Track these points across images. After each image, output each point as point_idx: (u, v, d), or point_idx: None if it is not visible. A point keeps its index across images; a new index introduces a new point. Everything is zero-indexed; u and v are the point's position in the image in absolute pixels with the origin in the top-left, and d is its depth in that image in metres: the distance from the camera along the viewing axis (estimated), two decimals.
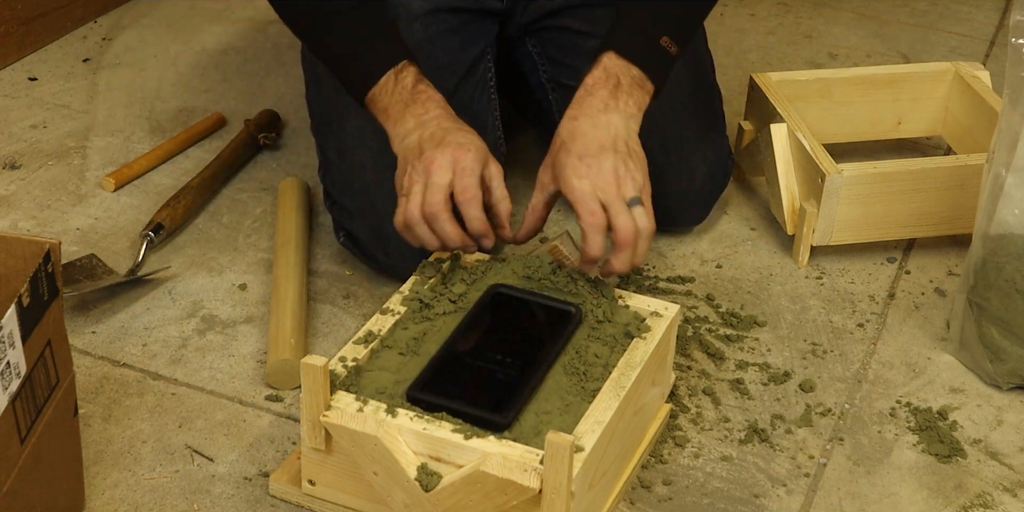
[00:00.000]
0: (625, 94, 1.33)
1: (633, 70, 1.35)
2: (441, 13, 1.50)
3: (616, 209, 1.26)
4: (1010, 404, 1.42)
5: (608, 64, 1.34)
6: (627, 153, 1.29)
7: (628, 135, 1.32)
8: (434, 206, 1.27)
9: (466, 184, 1.28)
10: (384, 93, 1.35)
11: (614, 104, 1.32)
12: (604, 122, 1.31)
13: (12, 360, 1.01)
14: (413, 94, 1.35)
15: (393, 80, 1.35)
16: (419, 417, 1.13)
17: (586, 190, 1.26)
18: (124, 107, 1.93)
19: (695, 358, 1.46)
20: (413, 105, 1.35)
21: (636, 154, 1.31)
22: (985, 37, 2.26)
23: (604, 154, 1.28)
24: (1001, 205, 1.36)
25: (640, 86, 1.35)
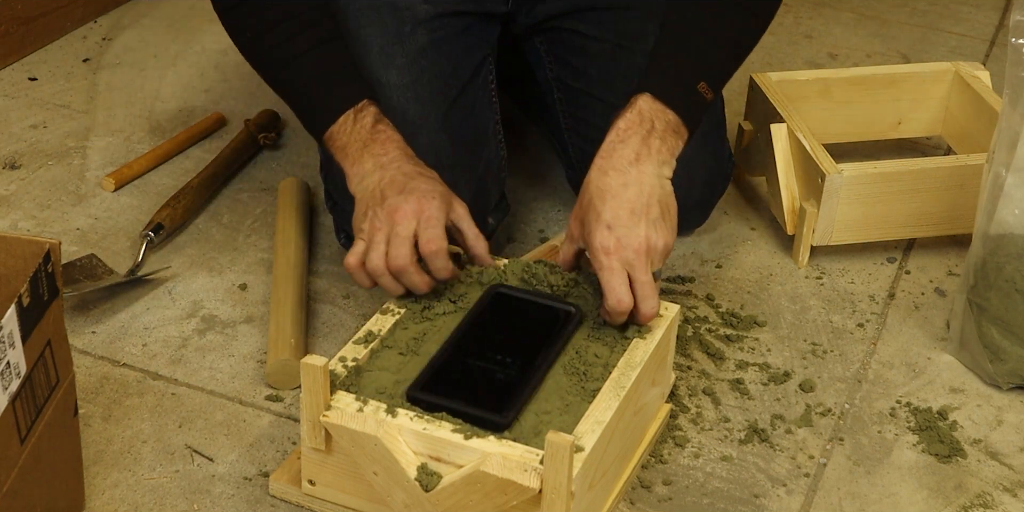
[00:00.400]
0: (658, 140, 1.29)
1: (669, 115, 1.30)
2: (445, 17, 1.50)
3: (643, 293, 1.22)
4: (1010, 404, 1.42)
5: (643, 107, 1.30)
6: (659, 216, 1.25)
7: (660, 189, 1.27)
8: (400, 260, 1.24)
9: (430, 235, 1.25)
10: (342, 132, 1.33)
11: (646, 152, 1.27)
12: (635, 179, 1.26)
13: (12, 360, 1.01)
14: (372, 134, 1.33)
15: (352, 119, 1.33)
16: (419, 417, 1.13)
17: (615, 268, 1.22)
18: (124, 107, 1.93)
19: (695, 358, 1.46)
20: (372, 145, 1.32)
21: (667, 210, 1.27)
22: (985, 37, 2.26)
23: (635, 222, 1.24)
24: (1001, 205, 1.36)
25: (675, 132, 1.30)
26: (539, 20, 1.58)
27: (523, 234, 1.67)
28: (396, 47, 1.47)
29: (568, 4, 1.56)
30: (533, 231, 1.68)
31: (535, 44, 1.62)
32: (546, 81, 1.63)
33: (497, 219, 1.57)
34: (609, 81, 1.57)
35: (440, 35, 1.49)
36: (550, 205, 1.73)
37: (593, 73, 1.58)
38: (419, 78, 1.47)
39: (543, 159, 1.82)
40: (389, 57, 1.46)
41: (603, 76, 1.57)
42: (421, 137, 1.44)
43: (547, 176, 1.79)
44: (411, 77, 1.46)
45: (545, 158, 1.82)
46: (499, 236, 1.65)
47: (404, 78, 1.46)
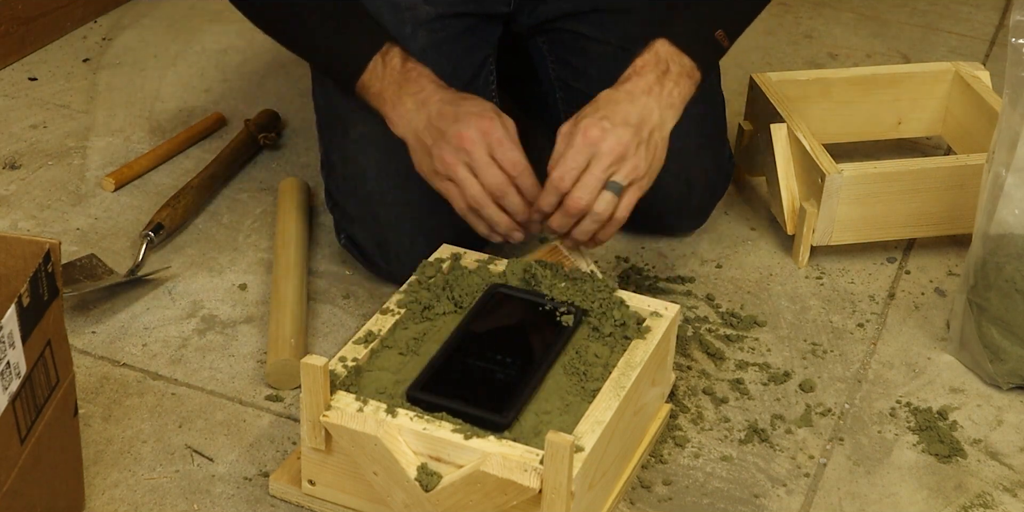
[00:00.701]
0: (672, 82, 1.32)
1: (684, 59, 1.33)
2: (446, 18, 1.50)
3: (585, 182, 1.25)
4: (1010, 404, 1.42)
5: (660, 50, 1.33)
6: (645, 140, 1.28)
7: (658, 124, 1.30)
8: (496, 180, 1.26)
9: (509, 157, 1.27)
10: (375, 78, 1.34)
11: (658, 90, 1.31)
12: (642, 104, 1.29)
13: (12, 360, 1.01)
14: (403, 73, 1.34)
15: (381, 64, 1.34)
16: (419, 417, 1.13)
17: (579, 148, 1.25)
18: (124, 107, 1.93)
19: (695, 358, 1.46)
20: (407, 84, 1.34)
21: (655, 146, 1.29)
22: (985, 37, 2.26)
23: (623, 128, 1.27)
24: (1001, 205, 1.36)
25: (689, 76, 1.33)
26: (540, 21, 1.58)
27: None
28: None
29: (570, 5, 1.56)
30: None
31: (537, 44, 1.62)
32: (548, 81, 1.63)
33: None
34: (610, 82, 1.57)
35: (441, 36, 1.49)
36: None
37: (594, 74, 1.58)
38: None
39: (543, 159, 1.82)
40: None
41: (604, 77, 1.57)
42: None
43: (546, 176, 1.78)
44: None
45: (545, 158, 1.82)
46: None
47: None
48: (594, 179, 1.25)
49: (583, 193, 1.25)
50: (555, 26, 1.59)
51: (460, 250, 1.34)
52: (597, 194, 1.26)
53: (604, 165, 1.26)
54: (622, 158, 1.26)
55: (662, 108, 1.31)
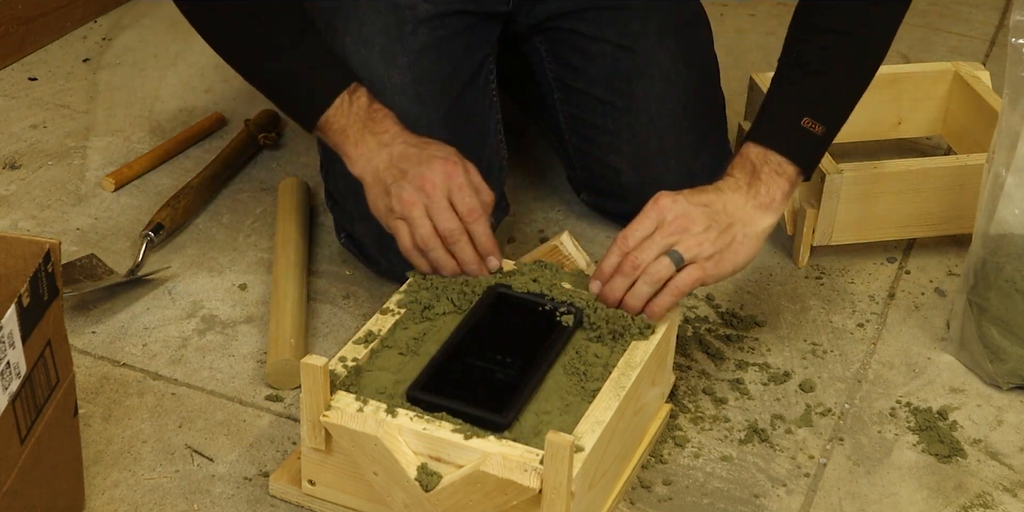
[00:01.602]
0: (762, 183, 1.28)
1: (772, 156, 1.29)
2: (446, 17, 1.50)
3: (647, 245, 1.23)
4: (1010, 404, 1.42)
5: (747, 152, 1.30)
6: (721, 227, 1.25)
7: (743, 220, 1.27)
8: (451, 224, 1.26)
9: (469, 203, 1.27)
10: (340, 114, 1.33)
11: (746, 189, 1.28)
12: (728, 198, 1.27)
13: (12, 360, 1.01)
14: (369, 113, 1.33)
15: (348, 100, 1.33)
16: (419, 417, 1.13)
17: (647, 213, 1.24)
18: (124, 107, 1.93)
19: (695, 358, 1.46)
20: (372, 124, 1.33)
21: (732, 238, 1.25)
22: (985, 37, 2.25)
23: (698, 207, 1.25)
24: (1001, 205, 1.36)
25: (779, 173, 1.29)
26: (540, 20, 1.58)
27: (523, 234, 1.67)
28: (397, 47, 1.47)
29: (569, 3, 1.56)
30: (533, 231, 1.68)
31: (535, 44, 1.62)
32: (546, 81, 1.63)
33: (497, 218, 1.57)
34: (609, 81, 1.57)
35: (441, 35, 1.49)
36: (550, 205, 1.73)
37: (593, 73, 1.58)
38: (420, 78, 1.47)
39: (543, 159, 1.82)
40: (390, 56, 1.46)
41: (603, 76, 1.57)
42: None
43: (547, 176, 1.79)
44: (412, 76, 1.46)
45: (545, 158, 1.82)
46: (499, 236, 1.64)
47: (405, 77, 1.46)
48: (654, 244, 1.23)
49: (640, 253, 1.23)
50: (554, 25, 1.59)
51: None
52: (653, 259, 1.23)
53: (666, 233, 1.24)
54: (686, 231, 1.24)
55: (751, 206, 1.27)
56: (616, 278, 1.25)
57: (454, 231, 1.26)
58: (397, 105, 1.44)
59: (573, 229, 1.65)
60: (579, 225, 1.69)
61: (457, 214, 1.27)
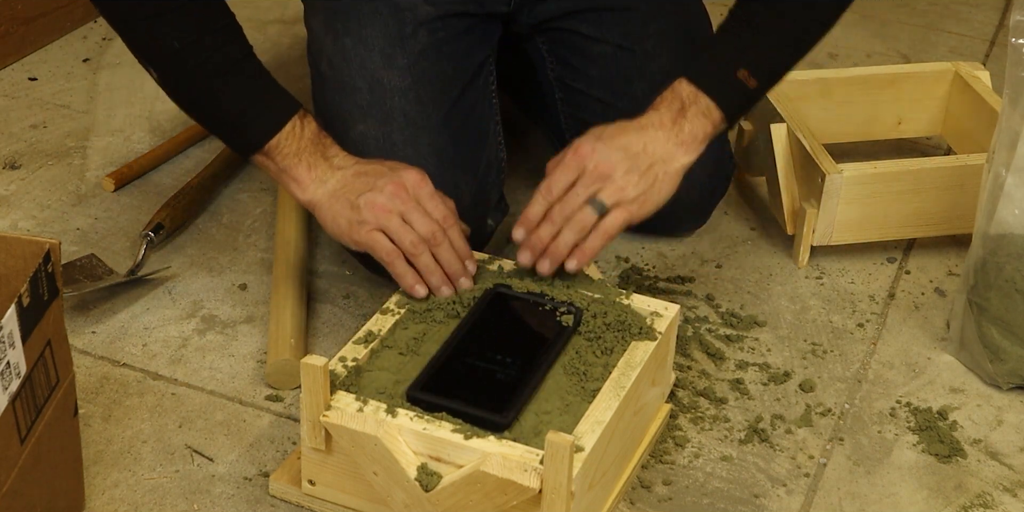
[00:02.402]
0: (686, 121, 1.31)
1: (702, 98, 1.32)
2: (446, 18, 1.50)
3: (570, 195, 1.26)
4: (1010, 404, 1.42)
5: (678, 88, 1.32)
6: (641, 169, 1.27)
7: (663, 158, 1.29)
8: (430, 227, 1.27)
9: (443, 210, 1.28)
10: (292, 138, 1.32)
11: (670, 126, 1.30)
12: (649, 135, 1.29)
13: (12, 360, 1.01)
14: (320, 137, 1.33)
15: (299, 125, 1.32)
16: (419, 417, 1.13)
17: (568, 164, 1.26)
18: (124, 107, 1.93)
19: (695, 358, 1.46)
20: (323, 148, 1.33)
21: (654, 177, 1.28)
22: (985, 37, 2.26)
23: (617, 151, 1.27)
24: (1001, 205, 1.36)
25: (705, 115, 1.32)
26: (540, 20, 1.58)
27: None
28: (397, 48, 1.47)
29: (570, 4, 1.56)
30: None
31: (536, 44, 1.62)
32: (547, 81, 1.63)
33: (496, 220, 1.57)
34: (610, 82, 1.57)
35: (441, 36, 1.49)
36: None
37: (594, 74, 1.58)
38: (420, 79, 1.47)
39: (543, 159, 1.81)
40: (390, 58, 1.46)
41: (604, 77, 1.57)
42: (423, 138, 1.44)
43: None
44: (412, 78, 1.46)
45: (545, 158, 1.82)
46: (499, 236, 1.64)
47: (405, 79, 1.46)
48: (576, 194, 1.26)
49: (564, 204, 1.26)
50: (554, 26, 1.59)
51: None
52: (577, 208, 1.26)
53: (588, 181, 1.26)
54: (607, 177, 1.26)
55: (672, 144, 1.30)
56: (542, 226, 1.26)
57: (436, 233, 1.26)
58: (397, 106, 1.45)
59: None
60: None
61: None
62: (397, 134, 1.45)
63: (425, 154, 1.43)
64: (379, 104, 1.44)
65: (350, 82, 1.46)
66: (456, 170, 1.46)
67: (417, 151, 1.43)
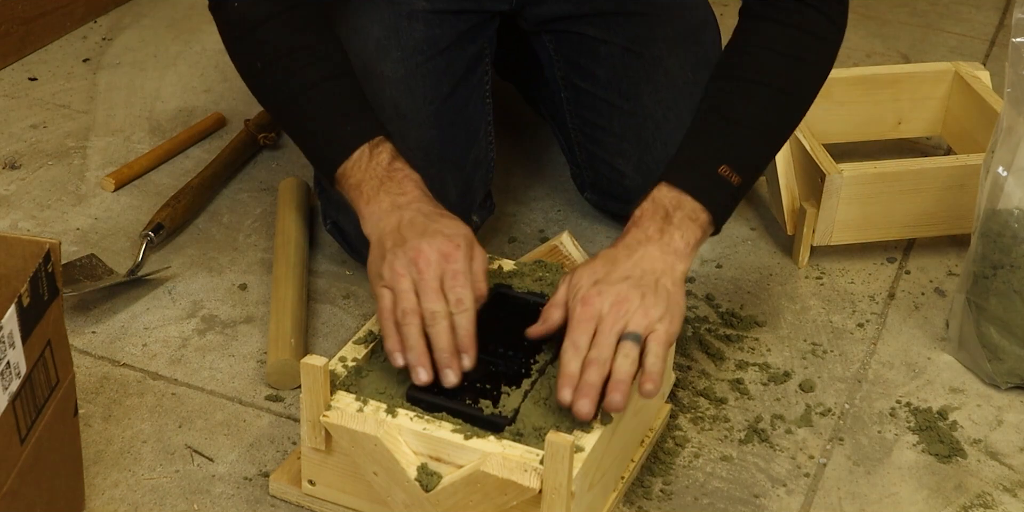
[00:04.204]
0: (675, 228, 1.22)
1: (686, 201, 1.23)
2: (444, 14, 1.50)
3: (599, 341, 1.15)
4: (1010, 404, 1.42)
5: (658, 196, 1.24)
6: (651, 287, 1.18)
7: (664, 271, 1.20)
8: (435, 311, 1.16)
9: (461, 295, 1.17)
10: (357, 169, 1.26)
11: (657, 237, 1.21)
12: (640, 254, 1.21)
13: (12, 360, 1.01)
14: (389, 171, 1.26)
15: (368, 155, 1.27)
16: (419, 417, 1.13)
17: (581, 319, 1.16)
18: (124, 107, 1.93)
19: (695, 358, 1.46)
20: (389, 182, 1.25)
21: (665, 291, 1.18)
22: (985, 37, 2.26)
23: (621, 284, 1.18)
24: (1001, 205, 1.36)
25: (692, 219, 1.23)
26: (545, 20, 1.58)
27: (523, 234, 1.67)
28: (393, 40, 1.47)
29: (575, 7, 1.56)
30: (533, 231, 1.68)
31: (544, 42, 1.62)
32: (554, 79, 1.63)
33: (482, 217, 1.57)
34: (616, 83, 1.57)
35: (438, 31, 1.50)
36: (550, 205, 1.73)
37: (601, 75, 1.58)
38: (413, 72, 1.47)
39: (543, 158, 1.82)
40: (385, 50, 1.46)
41: (611, 78, 1.57)
42: (411, 131, 1.45)
43: (547, 176, 1.79)
44: (405, 70, 1.46)
45: (545, 157, 1.82)
46: (499, 236, 1.65)
47: (398, 71, 1.46)
48: (605, 337, 1.15)
49: (598, 351, 1.15)
50: (560, 27, 1.59)
51: None
52: (614, 348, 1.15)
53: (610, 323, 1.15)
54: (627, 313, 1.17)
55: (666, 254, 1.21)
56: (589, 371, 1.14)
57: (437, 313, 1.16)
58: (387, 97, 1.45)
59: (574, 229, 1.66)
60: (580, 225, 1.69)
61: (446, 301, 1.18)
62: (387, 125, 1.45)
63: (413, 147, 1.43)
64: (371, 94, 1.43)
65: None
66: (443, 165, 1.46)
67: (405, 143, 1.43)
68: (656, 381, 1.14)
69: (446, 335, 1.16)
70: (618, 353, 1.14)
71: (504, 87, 1.80)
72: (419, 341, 1.16)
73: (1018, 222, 1.36)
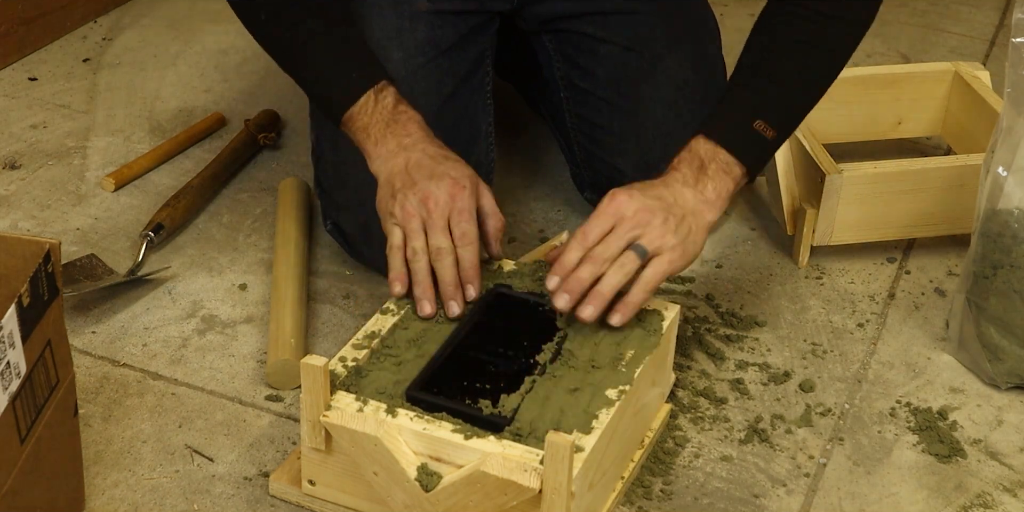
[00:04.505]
0: (708, 178, 1.27)
1: (721, 153, 1.28)
2: (445, 15, 1.50)
3: (610, 240, 1.21)
4: (1010, 404, 1.42)
5: (695, 146, 1.29)
6: (679, 218, 1.23)
7: (694, 212, 1.25)
8: (442, 244, 1.25)
9: (464, 230, 1.26)
10: (363, 112, 1.33)
11: (693, 183, 1.27)
12: (677, 192, 1.26)
13: (12, 360, 1.01)
14: (394, 114, 1.33)
15: (373, 99, 1.33)
16: (419, 417, 1.13)
17: (604, 211, 1.22)
18: (124, 107, 1.93)
19: (695, 358, 1.46)
20: (394, 124, 1.32)
21: (688, 229, 1.24)
22: (985, 37, 2.26)
23: (653, 200, 1.23)
24: (1001, 205, 1.36)
25: (726, 172, 1.28)
26: (546, 19, 1.58)
27: (523, 234, 1.67)
28: (394, 41, 1.47)
29: (574, 6, 1.56)
30: (533, 231, 1.68)
31: (543, 42, 1.62)
32: (554, 79, 1.63)
33: None
34: (616, 82, 1.57)
35: (439, 33, 1.50)
36: (550, 205, 1.73)
37: (601, 74, 1.58)
38: (415, 73, 1.47)
39: (542, 159, 1.82)
40: (386, 50, 1.46)
41: (611, 77, 1.57)
42: None
43: (547, 176, 1.79)
44: (407, 71, 1.47)
45: (545, 158, 1.82)
46: None
47: (400, 72, 1.46)
48: (616, 237, 1.21)
49: (604, 248, 1.21)
50: (561, 26, 1.59)
51: None
52: (619, 252, 1.21)
53: (628, 227, 1.21)
54: (647, 224, 1.22)
55: (699, 201, 1.26)
56: (582, 267, 1.21)
57: (442, 249, 1.25)
58: None
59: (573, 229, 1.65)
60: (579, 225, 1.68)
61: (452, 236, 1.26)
62: None
63: None
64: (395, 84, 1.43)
65: None
66: None
67: None
68: (628, 313, 1.22)
69: (451, 269, 1.25)
70: (616, 261, 1.21)
71: (504, 87, 1.80)
72: (426, 277, 1.26)
73: (1018, 222, 1.36)
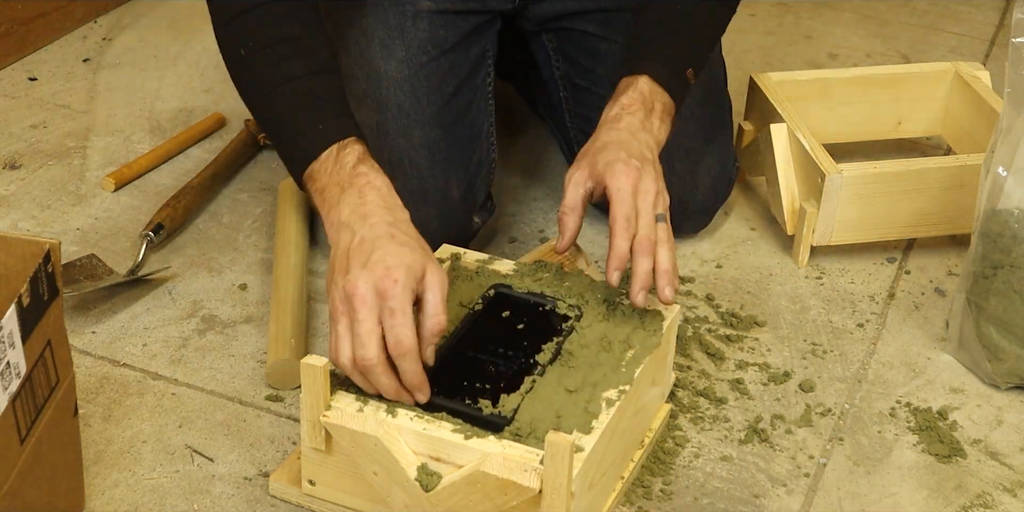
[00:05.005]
0: (657, 120, 1.34)
1: (665, 97, 1.35)
2: (447, 14, 1.50)
3: (646, 220, 1.24)
4: (1010, 404, 1.42)
5: (643, 88, 1.34)
6: (655, 169, 1.28)
7: (654, 157, 1.31)
8: (365, 360, 1.11)
9: (399, 337, 1.10)
10: (323, 171, 1.20)
11: (648, 126, 1.32)
12: (643, 139, 1.31)
13: (12, 360, 1.01)
14: (352, 177, 1.19)
15: (334, 156, 1.20)
16: (419, 417, 1.13)
17: (629, 191, 1.24)
18: (124, 107, 1.93)
19: (695, 358, 1.46)
20: (351, 189, 1.18)
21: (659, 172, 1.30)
22: (985, 37, 2.26)
23: (647, 165, 1.27)
24: (1001, 205, 1.36)
25: (669, 113, 1.35)
26: (546, 18, 1.58)
27: (523, 234, 1.67)
28: (397, 40, 1.47)
29: (577, 4, 1.56)
30: (533, 231, 1.68)
31: (543, 41, 1.62)
32: (553, 79, 1.64)
33: (482, 219, 1.58)
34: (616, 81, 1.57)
35: (442, 32, 1.50)
36: (550, 205, 1.73)
37: (600, 72, 1.58)
38: (417, 72, 1.47)
39: (543, 159, 1.82)
40: (389, 50, 1.47)
41: (610, 76, 1.57)
42: (415, 129, 1.45)
43: (547, 176, 1.79)
44: (409, 70, 1.47)
45: (545, 158, 1.82)
46: (499, 236, 1.65)
47: (402, 71, 1.46)
48: (647, 214, 1.24)
49: (648, 231, 1.23)
50: (562, 24, 1.59)
51: (460, 250, 1.34)
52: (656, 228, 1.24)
53: (650, 200, 1.25)
54: (650, 190, 1.25)
55: (653, 144, 1.32)
56: (642, 259, 1.21)
57: (368, 360, 1.10)
58: (392, 96, 1.45)
59: None
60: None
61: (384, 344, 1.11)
62: (391, 124, 1.45)
63: (416, 146, 1.44)
64: (374, 93, 1.44)
65: (348, 70, 1.47)
66: (447, 164, 1.46)
67: (409, 142, 1.43)
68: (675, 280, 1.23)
69: (387, 379, 1.12)
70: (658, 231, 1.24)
71: (504, 87, 1.80)
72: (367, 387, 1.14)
73: (1018, 222, 1.36)
